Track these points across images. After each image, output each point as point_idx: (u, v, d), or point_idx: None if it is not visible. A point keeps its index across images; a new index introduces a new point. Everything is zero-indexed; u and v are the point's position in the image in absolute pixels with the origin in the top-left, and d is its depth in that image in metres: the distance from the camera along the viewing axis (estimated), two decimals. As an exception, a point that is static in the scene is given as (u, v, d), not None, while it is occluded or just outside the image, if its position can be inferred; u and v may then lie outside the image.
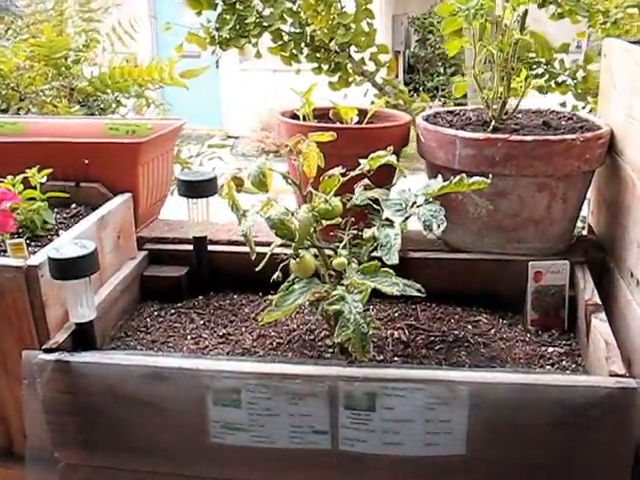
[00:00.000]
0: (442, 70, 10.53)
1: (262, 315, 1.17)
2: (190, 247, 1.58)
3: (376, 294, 1.17)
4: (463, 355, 1.33)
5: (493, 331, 1.42)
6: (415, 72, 10.91)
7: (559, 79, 2.76)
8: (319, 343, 1.37)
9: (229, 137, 10.06)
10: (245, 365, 1.15)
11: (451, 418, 1.09)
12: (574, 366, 1.30)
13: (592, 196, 1.60)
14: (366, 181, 1.30)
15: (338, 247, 1.21)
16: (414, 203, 1.22)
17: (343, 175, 1.26)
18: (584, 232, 1.71)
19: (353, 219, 1.26)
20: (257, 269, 1.20)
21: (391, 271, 1.12)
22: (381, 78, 3.18)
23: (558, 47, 3.07)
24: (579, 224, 1.66)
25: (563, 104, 2.43)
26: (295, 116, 1.65)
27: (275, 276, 1.22)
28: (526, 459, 1.10)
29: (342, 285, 1.15)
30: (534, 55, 2.47)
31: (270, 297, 1.51)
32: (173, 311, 1.51)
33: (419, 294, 1.19)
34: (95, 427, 1.19)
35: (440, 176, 1.26)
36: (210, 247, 1.58)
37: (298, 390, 1.11)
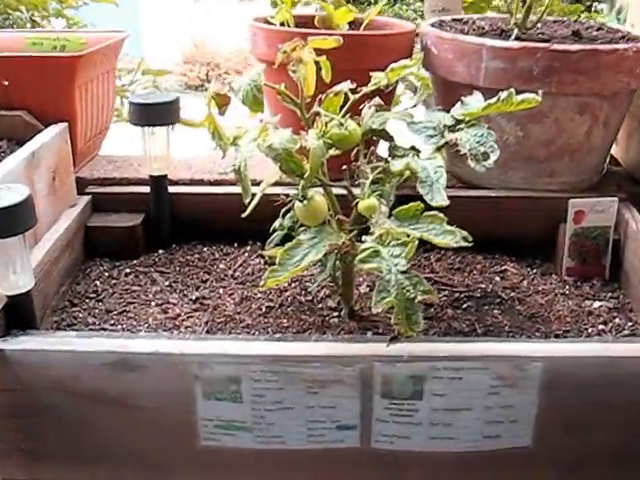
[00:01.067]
0: None
1: (263, 279, 0.88)
2: (145, 189, 1.26)
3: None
4: (497, 314, 1.09)
5: (525, 283, 1.18)
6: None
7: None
8: (319, 305, 1.10)
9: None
10: (246, 345, 0.87)
11: (517, 403, 0.85)
12: (630, 324, 1.08)
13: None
14: (378, 100, 1.02)
15: (360, 185, 0.93)
16: (451, 127, 0.95)
17: (353, 91, 0.98)
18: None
19: (372, 148, 0.97)
20: (244, 215, 0.91)
21: (440, 215, 0.85)
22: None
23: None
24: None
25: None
26: (269, 24, 1.33)
27: (277, 224, 0.94)
28: (608, 449, 0.87)
29: (370, 235, 0.87)
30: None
31: (249, 248, 1.27)
32: (128, 270, 1.21)
33: (467, 244, 0.93)
34: (42, 432, 0.89)
35: (479, 94, 0.98)
36: (170, 189, 1.27)
37: (318, 376, 0.84)
